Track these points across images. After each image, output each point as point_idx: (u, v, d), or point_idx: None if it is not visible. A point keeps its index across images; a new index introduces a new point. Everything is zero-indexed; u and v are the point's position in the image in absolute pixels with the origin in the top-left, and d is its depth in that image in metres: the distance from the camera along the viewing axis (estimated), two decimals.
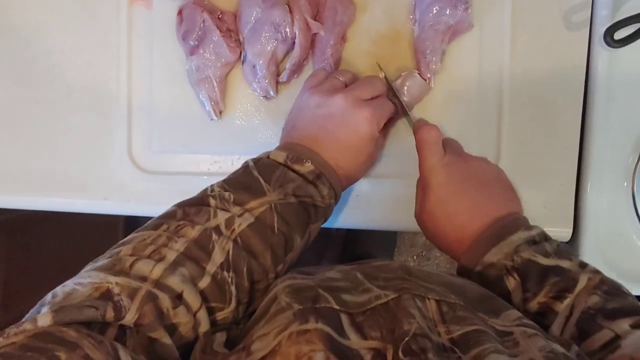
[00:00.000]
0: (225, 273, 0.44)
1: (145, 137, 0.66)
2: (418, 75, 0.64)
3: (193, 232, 0.44)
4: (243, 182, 0.50)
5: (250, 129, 0.66)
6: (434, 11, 0.63)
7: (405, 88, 0.64)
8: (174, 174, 0.66)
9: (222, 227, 0.45)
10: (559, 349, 0.36)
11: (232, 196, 0.48)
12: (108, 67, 0.66)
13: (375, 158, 0.62)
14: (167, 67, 0.66)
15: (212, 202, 0.47)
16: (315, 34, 0.64)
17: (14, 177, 0.68)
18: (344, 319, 0.38)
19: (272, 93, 0.64)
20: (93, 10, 0.66)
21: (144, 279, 0.40)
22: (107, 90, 0.66)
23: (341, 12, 0.64)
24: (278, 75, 0.65)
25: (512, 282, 0.48)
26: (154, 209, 0.67)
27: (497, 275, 0.49)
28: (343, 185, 0.56)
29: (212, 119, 0.65)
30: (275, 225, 0.48)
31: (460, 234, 0.52)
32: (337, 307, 0.39)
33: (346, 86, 0.58)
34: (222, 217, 0.46)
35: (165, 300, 0.39)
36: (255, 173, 0.51)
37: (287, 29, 0.62)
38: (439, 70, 0.65)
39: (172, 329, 0.39)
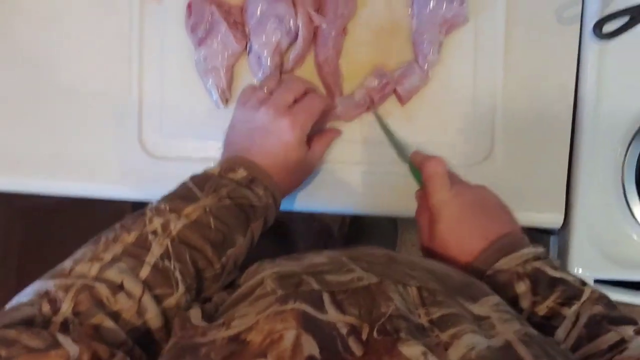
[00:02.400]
0: (167, 262, 0.46)
1: (155, 124, 0.69)
2: (417, 67, 0.67)
3: (130, 238, 0.47)
4: (178, 194, 0.54)
5: None
6: (431, 5, 0.66)
7: (405, 79, 0.67)
8: (182, 160, 0.69)
9: (159, 230, 0.48)
10: (534, 331, 0.38)
11: (167, 206, 0.51)
12: (121, 56, 0.69)
13: (311, 161, 0.65)
14: (177, 57, 0.69)
15: (148, 213, 0.50)
16: (317, 26, 0.67)
17: (26, 161, 0.71)
18: (325, 297, 0.39)
19: None
20: (107, 3, 0.69)
21: (82, 276, 0.43)
22: (120, 79, 0.69)
23: (342, 5, 0.67)
24: (282, 65, 0.68)
25: (522, 287, 0.50)
26: (162, 193, 0.70)
27: (506, 279, 0.51)
28: (282, 190, 0.60)
29: (219, 107, 0.68)
30: (212, 225, 0.51)
31: (469, 257, 0.54)
32: (318, 287, 0.40)
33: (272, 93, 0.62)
34: (157, 222, 0.49)
35: (102, 289, 0.42)
36: (190, 184, 0.55)
37: (291, 22, 0.65)
38: (436, 62, 0.68)
39: (115, 316, 0.41)
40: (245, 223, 0.55)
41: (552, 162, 0.70)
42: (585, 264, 0.69)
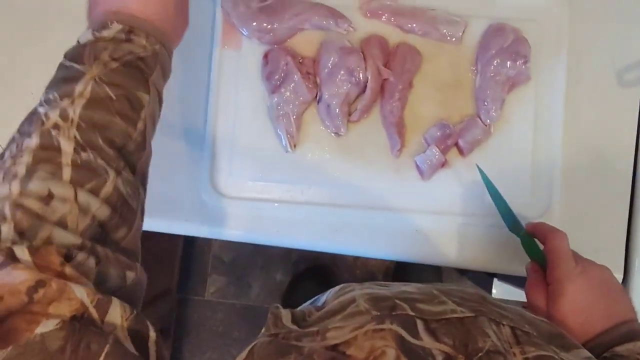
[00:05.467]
0: (83, 154, 0.44)
1: (226, 165, 0.73)
2: (479, 121, 0.70)
3: (33, 141, 0.44)
4: (60, 78, 0.49)
5: (320, 163, 0.72)
6: (495, 63, 0.69)
7: (467, 132, 0.69)
8: (250, 200, 0.72)
9: (60, 122, 0.45)
10: None
11: (55, 94, 0.47)
12: (198, 100, 0.74)
13: (184, 14, 0.60)
14: (250, 103, 0.73)
15: (40, 109, 0.46)
16: (385, 79, 0.70)
17: None
18: (419, 323, 0.40)
19: (343, 131, 0.71)
20: (188, 51, 0.74)
21: (5, 198, 0.40)
22: (196, 122, 0.74)
23: (409, 61, 0.70)
24: (349, 114, 0.71)
25: None
26: (229, 232, 0.73)
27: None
28: (168, 34, 0.56)
29: (287, 152, 0.71)
30: (111, 93, 0.47)
31: (589, 335, 0.54)
32: (412, 313, 0.42)
33: None
34: (54, 115, 0.45)
35: (32, 203, 0.40)
36: (68, 62, 0.49)
37: (361, 74, 0.69)
38: (498, 118, 0.70)
39: (61, 223, 0.40)
40: (143, 78, 0.51)
41: (612, 220, 0.70)
42: None
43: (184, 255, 1.60)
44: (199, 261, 1.61)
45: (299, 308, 0.48)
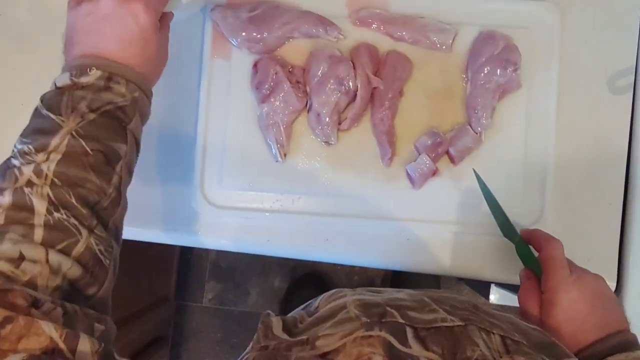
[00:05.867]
0: (56, 214, 0.44)
1: (216, 175, 0.72)
2: (470, 129, 0.69)
3: (6, 199, 0.43)
4: (36, 126, 0.48)
5: (311, 172, 0.72)
6: (486, 71, 0.69)
7: (458, 140, 0.69)
8: (240, 209, 0.72)
9: (34, 179, 0.44)
10: None
11: (31, 147, 0.46)
12: (188, 111, 0.74)
13: (164, 51, 0.60)
14: (240, 112, 0.72)
15: (15, 162, 0.46)
16: (375, 87, 0.70)
17: None
18: (409, 331, 0.40)
19: (333, 140, 0.70)
20: (178, 60, 0.74)
21: None
22: (186, 131, 0.74)
23: (400, 69, 0.70)
24: (339, 123, 0.71)
25: None
26: (220, 242, 0.73)
27: None
28: (147, 76, 0.55)
29: (277, 161, 0.71)
30: (87, 148, 0.47)
31: (581, 344, 0.54)
32: (402, 320, 0.42)
33: None
34: (28, 170, 0.45)
35: (3, 265, 0.40)
36: (44, 111, 0.48)
37: (350, 83, 0.69)
38: (489, 126, 0.70)
39: (31, 285, 0.40)
40: (121, 127, 0.50)
41: (604, 227, 0.70)
42: (638, 332, 0.68)
43: (182, 262, 1.60)
44: (196, 268, 1.61)
45: (290, 314, 0.48)
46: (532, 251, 0.62)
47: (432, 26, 0.71)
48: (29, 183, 0.44)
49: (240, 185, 0.72)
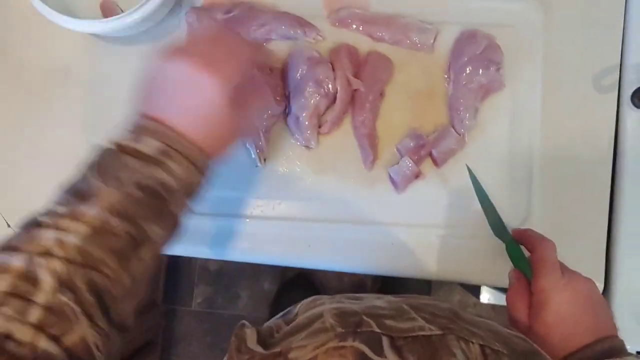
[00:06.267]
0: (60, 296, 0.40)
1: None
2: (453, 131, 0.68)
3: (17, 264, 0.40)
4: (76, 186, 0.45)
5: (291, 176, 0.70)
6: (468, 71, 0.67)
7: (441, 142, 0.68)
8: (220, 216, 0.70)
9: (52, 249, 0.41)
10: None
11: (63, 210, 0.43)
12: None
13: (238, 125, 0.53)
14: None
15: (43, 219, 0.43)
16: (355, 89, 0.68)
17: None
18: (385, 340, 0.39)
19: (313, 143, 0.69)
20: None
21: None
22: None
23: (380, 70, 0.69)
24: (319, 127, 0.69)
25: None
26: (199, 249, 0.72)
27: None
28: (208, 154, 0.50)
29: (257, 166, 0.70)
30: (117, 229, 0.43)
31: (570, 348, 0.53)
32: (378, 330, 0.41)
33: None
34: (51, 237, 0.42)
35: None
36: (87, 170, 0.46)
37: (330, 85, 0.67)
38: (473, 127, 0.68)
39: None
40: (162, 209, 0.46)
41: (591, 228, 0.69)
42: (625, 335, 0.67)
43: (170, 266, 1.58)
44: (185, 271, 1.60)
45: (268, 322, 0.47)
46: (522, 251, 0.60)
47: (413, 26, 0.69)
48: (46, 253, 0.41)
49: (220, 192, 0.71)
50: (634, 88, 0.64)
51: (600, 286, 0.68)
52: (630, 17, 0.69)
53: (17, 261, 0.40)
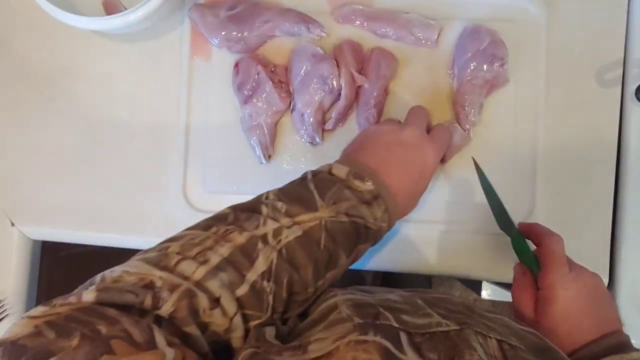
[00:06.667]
0: (265, 282, 0.44)
1: (200, 178, 0.71)
2: (458, 126, 0.68)
3: (240, 238, 0.45)
4: (297, 194, 0.51)
5: (296, 173, 0.69)
6: (472, 67, 0.67)
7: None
8: None
9: (270, 237, 0.46)
10: None
11: (284, 207, 0.48)
12: (168, 113, 0.72)
13: (423, 193, 0.61)
14: (222, 114, 0.71)
15: (264, 210, 0.48)
16: (359, 86, 0.68)
17: (74, 213, 0.73)
18: (403, 336, 0.39)
19: (318, 140, 0.69)
20: (157, 62, 0.72)
21: (186, 278, 0.41)
22: (167, 134, 0.72)
23: (384, 66, 0.69)
24: (324, 123, 0.69)
25: None
26: None
27: None
28: (398, 212, 0.56)
29: (261, 163, 0.69)
30: (322, 242, 0.48)
31: (576, 343, 0.53)
32: (396, 325, 0.40)
33: None
34: (270, 226, 0.46)
35: (203, 300, 0.40)
36: (311, 186, 0.51)
37: (334, 82, 0.67)
38: (477, 122, 0.68)
39: (204, 327, 0.40)
40: (354, 243, 0.51)
41: (595, 223, 0.69)
42: (630, 330, 0.67)
43: None
44: None
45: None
46: (528, 245, 0.60)
47: (416, 22, 0.69)
48: (264, 238, 0.46)
49: (224, 189, 0.71)
50: (638, 83, 0.65)
51: (605, 280, 0.68)
52: (634, 11, 0.69)
53: (240, 236, 0.45)
